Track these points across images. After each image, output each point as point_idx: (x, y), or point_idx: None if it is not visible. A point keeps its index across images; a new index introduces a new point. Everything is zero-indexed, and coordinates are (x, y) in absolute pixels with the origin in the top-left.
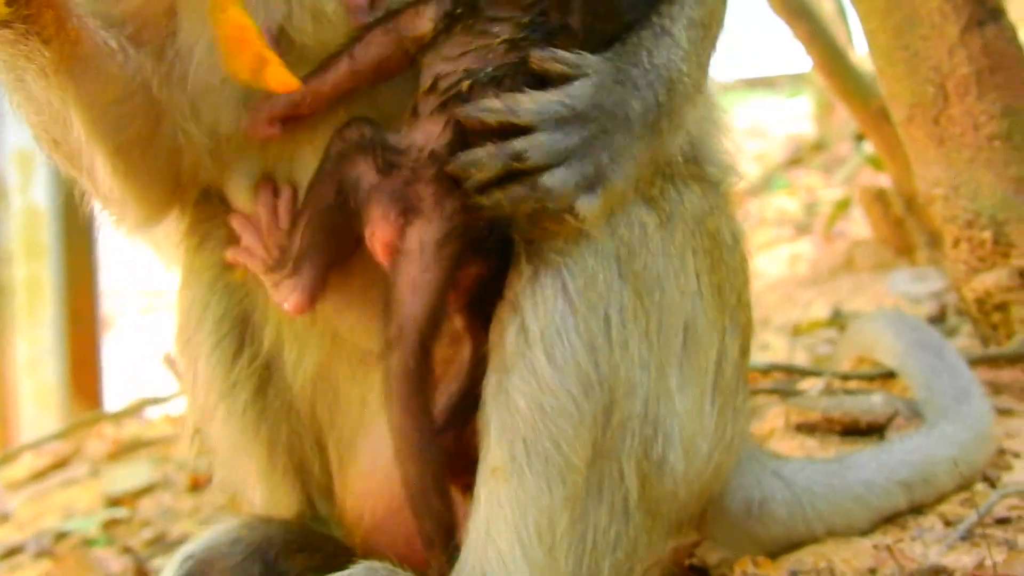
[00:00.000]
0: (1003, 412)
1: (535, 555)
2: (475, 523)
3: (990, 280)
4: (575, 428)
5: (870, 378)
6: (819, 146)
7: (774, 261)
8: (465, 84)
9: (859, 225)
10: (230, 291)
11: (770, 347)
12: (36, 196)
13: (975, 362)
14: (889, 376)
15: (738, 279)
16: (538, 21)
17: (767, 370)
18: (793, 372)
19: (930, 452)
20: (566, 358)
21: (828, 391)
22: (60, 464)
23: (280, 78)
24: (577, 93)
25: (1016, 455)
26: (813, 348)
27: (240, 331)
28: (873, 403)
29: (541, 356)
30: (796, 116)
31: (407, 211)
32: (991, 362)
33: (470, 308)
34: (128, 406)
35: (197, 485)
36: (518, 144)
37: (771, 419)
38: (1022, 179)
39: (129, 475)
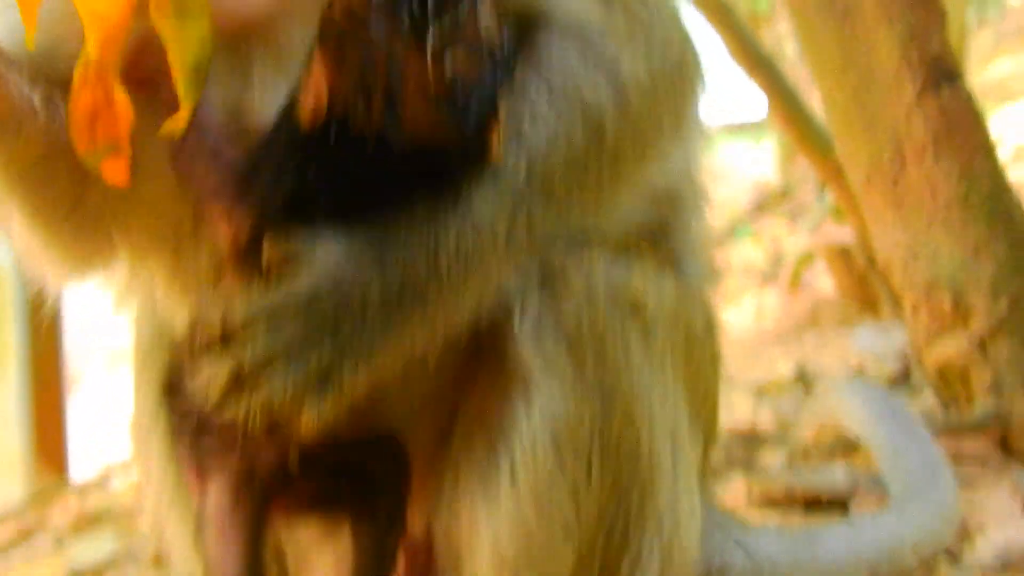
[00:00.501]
0: (965, 483)
1: None
2: None
3: (950, 346)
4: (556, 569)
5: (832, 450)
6: (784, 193)
7: (740, 312)
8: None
9: (825, 275)
10: None
11: (735, 407)
12: None
13: (936, 431)
14: (851, 447)
15: (707, 370)
16: None
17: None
18: (754, 445)
19: (899, 534)
20: (552, 508)
21: (790, 463)
22: (24, 536)
23: (119, 172)
24: (294, 286)
25: (978, 527)
26: (778, 408)
27: None
28: (835, 477)
29: (531, 505)
30: (761, 162)
31: (201, 467)
32: (952, 431)
33: (328, 502)
34: (93, 477)
35: (161, 559)
36: (234, 352)
37: (733, 492)
38: (981, 243)
39: (93, 548)
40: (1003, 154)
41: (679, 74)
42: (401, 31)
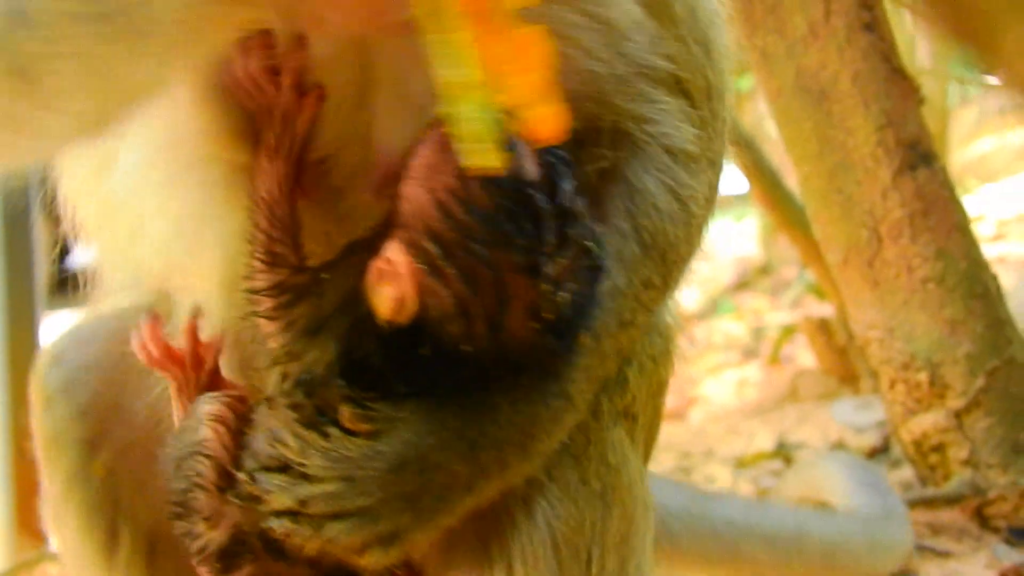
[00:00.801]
0: (941, 555)
1: None
2: None
3: (927, 422)
4: None
5: None
6: (766, 269)
7: (721, 386)
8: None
9: (806, 349)
10: (93, 480)
11: (715, 479)
12: None
13: (913, 503)
14: None
15: (659, 397)
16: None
17: None
18: None
19: (810, 527)
20: None
21: None
22: None
23: (552, 121)
24: (380, 451)
25: None
26: (757, 480)
27: (112, 516)
28: None
29: None
30: (743, 237)
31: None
32: (929, 503)
33: None
34: None
35: None
36: (302, 491)
37: None
38: (956, 321)
39: None
40: (984, 231)
41: (717, 188)
42: (513, 254)
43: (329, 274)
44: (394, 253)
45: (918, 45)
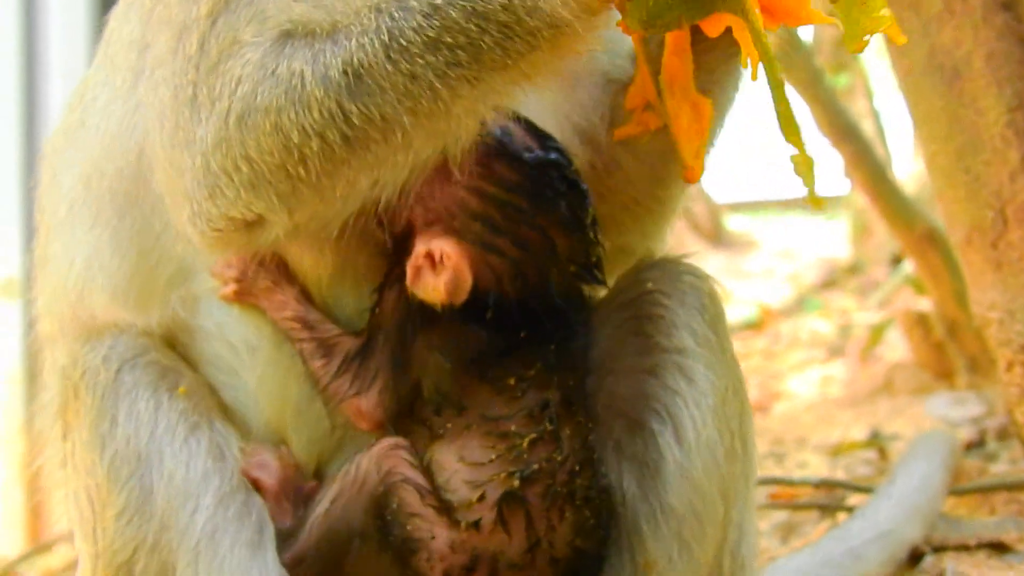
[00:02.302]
0: None
1: None
2: None
3: None
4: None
5: None
6: (854, 269)
7: (805, 383)
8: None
9: (893, 348)
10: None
11: (808, 466)
12: None
13: (1021, 487)
14: None
15: None
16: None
17: (819, 484)
18: (838, 487)
19: None
20: (710, 468)
21: None
22: None
23: (700, 171)
24: None
25: None
26: (852, 469)
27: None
28: None
29: (698, 464)
30: (830, 238)
31: None
32: None
33: None
34: None
35: None
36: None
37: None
38: None
39: None
40: None
41: None
42: (556, 211)
43: (377, 315)
44: (434, 245)
45: None
